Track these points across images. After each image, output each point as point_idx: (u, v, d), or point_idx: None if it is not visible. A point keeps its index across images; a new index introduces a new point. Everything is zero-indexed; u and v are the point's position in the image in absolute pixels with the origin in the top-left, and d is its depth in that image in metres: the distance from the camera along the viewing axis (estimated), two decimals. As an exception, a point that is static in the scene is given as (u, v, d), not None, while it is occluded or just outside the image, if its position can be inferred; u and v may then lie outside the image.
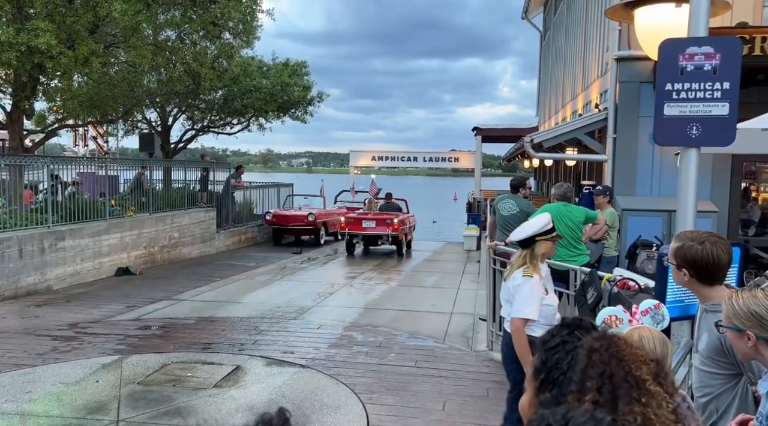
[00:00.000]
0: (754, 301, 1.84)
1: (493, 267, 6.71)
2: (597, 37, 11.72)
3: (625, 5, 3.98)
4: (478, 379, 5.83)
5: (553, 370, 1.39)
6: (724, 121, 3.14)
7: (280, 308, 8.67)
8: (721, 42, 3.15)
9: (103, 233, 11.08)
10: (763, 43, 7.14)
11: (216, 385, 5.45)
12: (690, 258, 2.27)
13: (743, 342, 1.86)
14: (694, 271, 2.28)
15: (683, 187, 3.30)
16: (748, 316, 1.84)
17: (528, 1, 21.38)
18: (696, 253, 2.25)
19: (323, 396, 5.27)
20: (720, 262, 2.25)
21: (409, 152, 33.05)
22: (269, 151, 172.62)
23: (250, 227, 16.81)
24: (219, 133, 18.78)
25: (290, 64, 17.89)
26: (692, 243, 2.27)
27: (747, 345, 1.86)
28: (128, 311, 8.34)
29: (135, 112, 15.70)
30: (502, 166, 36.36)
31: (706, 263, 2.24)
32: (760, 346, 1.83)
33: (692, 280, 2.29)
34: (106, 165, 12.59)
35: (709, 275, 2.27)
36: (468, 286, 10.81)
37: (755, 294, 1.87)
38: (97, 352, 6.41)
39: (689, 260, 2.27)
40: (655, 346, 1.92)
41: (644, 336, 1.94)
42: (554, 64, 19.42)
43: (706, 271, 2.26)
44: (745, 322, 1.85)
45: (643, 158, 9.05)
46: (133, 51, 10.60)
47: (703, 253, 2.24)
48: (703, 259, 2.24)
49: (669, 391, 1.30)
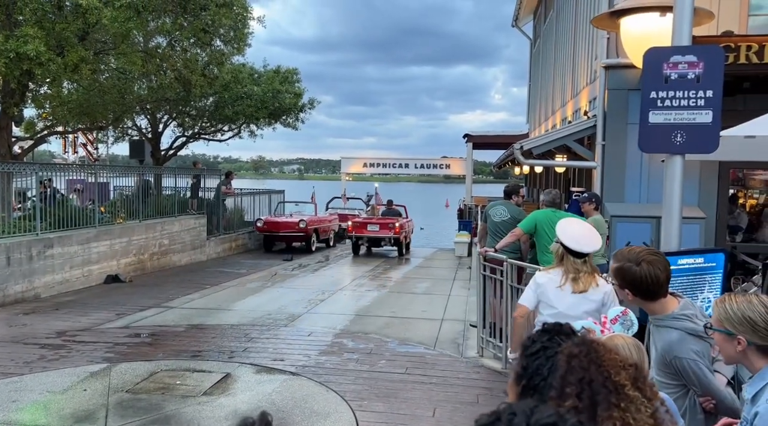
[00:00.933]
0: (749, 307, 1.85)
1: (483, 273, 6.73)
2: (586, 45, 11.83)
3: (611, 14, 4.04)
4: (468, 386, 5.83)
5: (534, 376, 1.40)
6: (707, 128, 3.18)
7: (270, 315, 8.64)
8: (704, 51, 3.20)
9: (93, 240, 11.01)
10: (749, 52, 7.23)
11: (205, 392, 5.42)
12: (629, 279, 2.30)
13: (732, 346, 1.87)
14: (635, 291, 2.31)
15: (668, 194, 3.33)
16: (742, 321, 1.84)
17: (518, 9, 21.56)
18: (634, 275, 2.28)
19: (313, 403, 5.26)
20: (658, 280, 2.27)
21: (401, 159, 33.15)
22: (261, 158, 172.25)
23: (240, 234, 16.76)
24: (210, 139, 18.75)
25: (281, 71, 17.91)
26: (630, 264, 2.29)
27: (735, 349, 1.87)
28: (117, 319, 8.29)
29: (125, 118, 15.65)
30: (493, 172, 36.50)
31: (644, 284, 2.27)
32: (749, 351, 1.84)
33: (635, 298, 2.33)
34: (95, 172, 12.53)
35: (649, 293, 2.30)
36: (459, 293, 10.83)
37: (750, 299, 1.87)
38: (85, 361, 6.36)
39: (628, 281, 2.30)
40: (630, 353, 1.94)
41: (619, 343, 1.95)
42: (544, 72, 19.57)
43: (647, 290, 2.29)
44: (737, 326, 1.85)
45: (632, 165, 9.11)
46: (123, 58, 10.59)
47: (640, 273, 2.27)
48: (642, 279, 2.27)
49: (648, 395, 1.32)
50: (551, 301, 3.61)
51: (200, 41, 11.54)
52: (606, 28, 4.31)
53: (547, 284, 3.63)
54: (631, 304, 2.48)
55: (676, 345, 2.22)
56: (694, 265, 3.20)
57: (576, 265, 3.54)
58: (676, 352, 2.23)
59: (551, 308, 3.59)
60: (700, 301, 3.20)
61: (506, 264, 6.17)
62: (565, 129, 11.02)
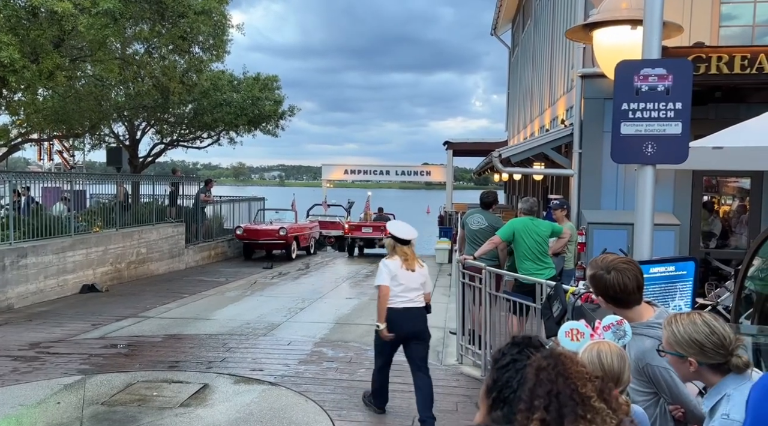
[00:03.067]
0: (694, 328, 1.88)
1: (463, 281, 6.77)
2: (563, 54, 12.00)
3: (584, 27, 4.11)
4: (447, 393, 5.85)
5: (504, 389, 1.42)
6: (677, 139, 3.25)
7: (249, 324, 8.58)
8: (673, 64, 3.28)
9: (68, 250, 10.84)
10: (719, 62, 7.41)
11: (182, 404, 5.36)
12: (600, 286, 2.35)
13: (685, 367, 1.91)
14: (606, 298, 2.36)
15: (640, 204, 3.40)
16: (690, 344, 1.88)
17: (497, 17, 21.81)
18: (605, 282, 2.33)
19: (292, 414, 5.23)
20: (626, 289, 2.32)
21: (382, 166, 33.21)
22: (241, 165, 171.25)
23: (220, 242, 16.64)
24: (189, 147, 18.60)
25: (261, 78, 17.85)
26: (602, 272, 2.34)
27: (689, 370, 1.91)
28: (93, 329, 8.16)
29: (102, 126, 15.45)
30: (474, 179, 36.75)
31: (614, 291, 2.32)
32: (702, 370, 1.88)
33: (608, 305, 2.37)
34: (71, 179, 12.35)
35: (619, 301, 2.34)
36: (439, 300, 10.85)
37: (694, 320, 1.91)
38: (59, 373, 6.25)
39: (599, 288, 2.36)
40: (612, 361, 1.97)
41: (602, 350, 1.99)
42: (522, 80, 19.79)
43: (615, 297, 2.34)
44: (686, 349, 1.89)
45: (608, 173, 9.26)
46: (100, 65, 10.48)
47: (610, 281, 2.32)
48: (612, 287, 2.32)
49: (613, 407, 1.35)
50: (399, 278, 4.89)
51: (178, 48, 11.47)
52: (580, 41, 4.39)
53: (394, 267, 4.90)
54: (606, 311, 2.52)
55: (649, 353, 2.26)
56: (666, 274, 3.26)
57: (404, 251, 4.95)
58: (648, 359, 2.27)
59: (400, 284, 4.89)
60: (671, 309, 3.25)
61: (485, 272, 6.22)
62: (543, 137, 11.16)
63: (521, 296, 5.82)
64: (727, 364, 1.84)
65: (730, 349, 1.84)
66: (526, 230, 6.31)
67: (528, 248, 6.29)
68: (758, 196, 9.12)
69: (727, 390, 1.82)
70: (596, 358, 1.96)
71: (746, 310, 5.18)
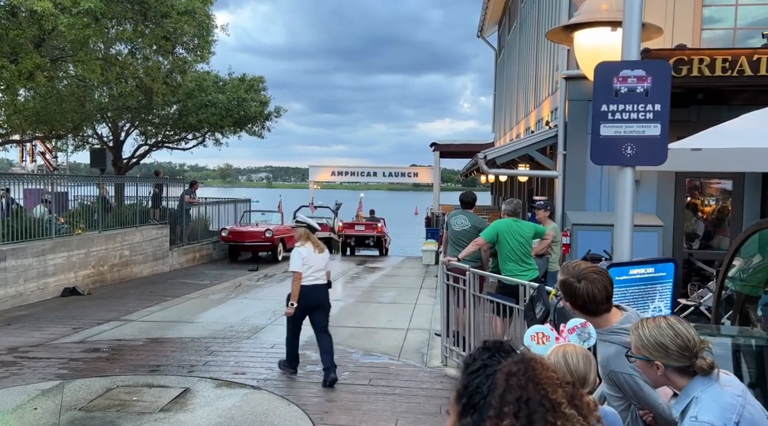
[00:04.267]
0: (659, 332, 1.89)
1: (447, 283, 6.75)
2: (547, 56, 12.05)
3: (565, 28, 4.11)
4: (431, 396, 5.82)
5: (474, 395, 1.39)
6: (656, 141, 3.25)
7: (233, 327, 8.50)
8: (652, 65, 3.28)
9: (49, 252, 10.69)
10: (701, 65, 7.46)
11: (163, 409, 5.29)
12: (569, 294, 2.34)
13: (653, 371, 1.91)
14: (574, 305, 2.36)
15: (620, 206, 3.39)
16: (655, 347, 1.88)
17: (483, 19, 21.87)
18: (575, 291, 2.32)
19: (274, 418, 5.18)
20: (595, 300, 2.31)
21: (370, 167, 33.16)
22: (228, 166, 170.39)
23: (205, 244, 16.50)
24: (173, 148, 18.47)
25: (247, 79, 17.77)
26: (572, 280, 2.34)
27: (657, 374, 1.90)
28: (73, 333, 8.05)
29: (85, 127, 15.29)
30: (461, 181, 36.82)
31: (582, 301, 2.31)
32: (669, 373, 1.88)
33: (576, 311, 2.37)
34: (53, 181, 12.18)
35: (586, 310, 2.34)
36: (425, 301, 10.84)
37: (659, 324, 1.91)
38: (37, 378, 6.14)
39: (569, 295, 2.35)
40: (578, 362, 1.95)
41: (568, 352, 1.97)
42: (508, 82, 19.87)
43: (583, 306, 2.33)
44: (652, 352, 1.89)
45: (592, 174, 9.29)
46: (82, 65, 10.35)
47: (579, 291, 2.31)
48: (581, 296, 2.31)
49: (584, 413, 1.32)
50: (309, 261, 5.94)
51: (162, 49, 11.37)
52: (561, 42, 4.39)
53: (306, 253, 5.96)
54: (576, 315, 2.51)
55: (613, 359, 2.25)
56: (645, 275, 3.26)
57: (314, 238, 6.11)
58: (612, 366, 2.26)
59: (310, 266, 5.95)
60: (651, 311, 3.25)
61: (469, 273, 6.20)
62: (528, 139, 11.20)
63: (505, 297, 5.82)
64: (693, 367, 1.84)
65: (695, 352, 1.85)
66: (510, 231, 6.30)
67: (511, 249, 6.28)
68: (740, 198, 9.20)
69: (695, 393, 1.82)
70: (562, 360, 1.97)
71: (727, 310, 5.21)
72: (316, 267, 6.00)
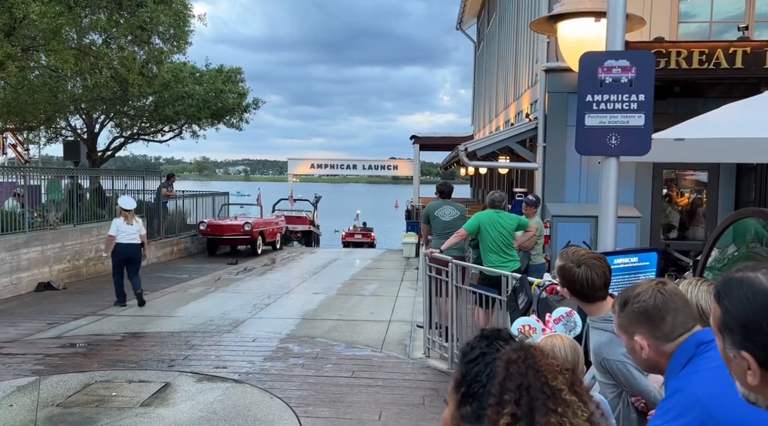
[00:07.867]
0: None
1: (429, 274, 6.76)
2: (527, 49, 12.10)
3: (549, 19, 4.11)
4: (414, 387, 5.83)
5: (473, 384, 1.38)
6: (640, 131, 3.27)
7: (213, 321, 8.41)
8: (636, 56, 3.29)
9: (22, 246, 10.44)
10: (678, 57, 7.56)
11: (143, 404, 5.21)
12: (568, 279, 2.35)
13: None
14: (572, 291, 2.37)
15: (604, 196, 3.41)
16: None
17: (462, 11, 21.87)
18: (574, 275, 2.33)
19: (257, 411, 5.13)
20: (593, 285, 2.32)
21: (349, 160, 33.05)
22: (205, 159, 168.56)
23: (183, 238, 16.28)
24: (149, 140, 18.17)
25: (224, 70, 17.54)
26: (572, 265, 2.34)
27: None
28: (49, 329, 7.88)
29: (58, 118, 14.96)
30: (441, 173, 36.93)
31: (580, 286, 2.33)
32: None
33: (573, 297, 2.38)
34: (24, 174, 11.89)
35: (584, 295, 2.35)
36: (406, 294, 10.86)
37: None
38: (12, 374, 6.00)
39: (567, 280, 2.36)
40: (566, 354, 1.95)
41: (556, 344, 1.97)
42: (488, 74, 19.92)
43: (581, 292, 2.34)
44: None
45: (572, 166, 9.38)
46: (55, 55, 10.09)
47: (578, 276, 2.32)
48: (579, 281, 2.32)
49: (584, 399, 1.32)
50: (121, 229, 8.98)
51: (138, 39, 11.15)
52: (544, 33, 4.40)
53: (120, 223, 8.98)
54: (571, 302, 2.52)
55: (605, 347, 2.26)
56: (629, 265, 3.29)
57: (126, 214, 9.05)
58: (604, 354, 2.28)
59: (122, 232, 8.97)
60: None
61: (451, 264, 6.21)
62: (508, 131, 11.25)
63: (487, 288, 5.84)
64: None
65: None
66: (492, 223, 6.33)
67: (493, 240, 6.31)
68: (715, 189, 9.37)
69: None
70: (551, 352, 1.96)
71: (705, 299, 5.30)
72: (128, 233, 9.01)
